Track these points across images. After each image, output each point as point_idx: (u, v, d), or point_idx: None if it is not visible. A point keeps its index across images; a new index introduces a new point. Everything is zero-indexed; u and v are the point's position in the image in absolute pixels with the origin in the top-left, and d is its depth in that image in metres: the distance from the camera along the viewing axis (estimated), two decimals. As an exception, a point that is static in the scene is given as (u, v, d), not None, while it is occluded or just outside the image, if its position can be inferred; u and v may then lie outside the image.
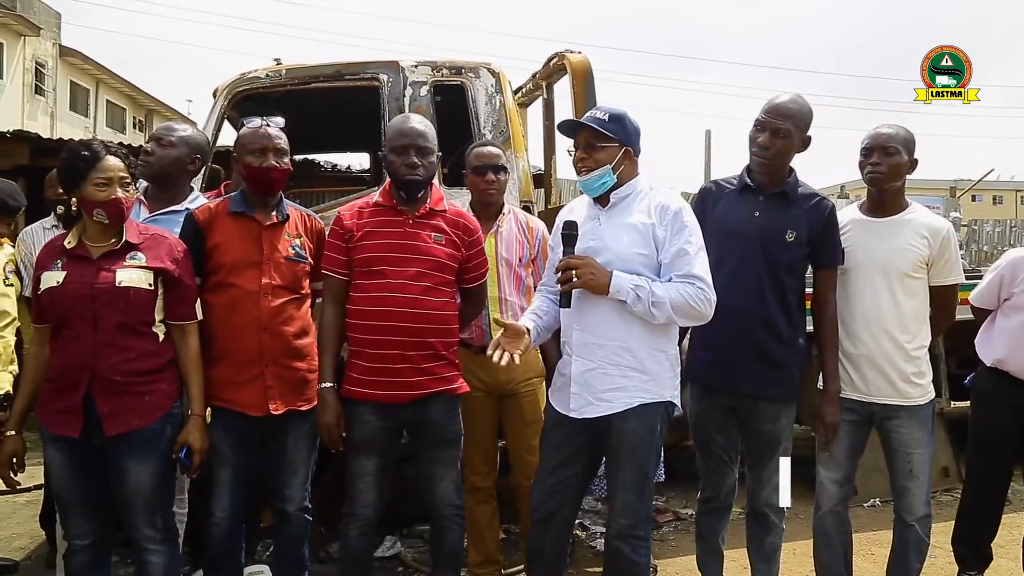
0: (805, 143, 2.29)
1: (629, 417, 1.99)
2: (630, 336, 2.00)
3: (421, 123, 2.25)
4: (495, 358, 1.98)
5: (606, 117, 2.03)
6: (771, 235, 2.26)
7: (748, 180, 2.33)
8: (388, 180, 2.30)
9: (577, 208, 2.19)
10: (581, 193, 2.20)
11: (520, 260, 2.65)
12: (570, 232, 2.03)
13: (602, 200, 2.09)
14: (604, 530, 2.48)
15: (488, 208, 2.68)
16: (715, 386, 2.34)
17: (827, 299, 2.31)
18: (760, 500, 2.38)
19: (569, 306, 2.02)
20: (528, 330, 2.06)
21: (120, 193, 1.97)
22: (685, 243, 1.99)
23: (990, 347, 2.75)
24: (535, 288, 2.51)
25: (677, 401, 2.09)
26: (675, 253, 1.99)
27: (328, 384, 2.17)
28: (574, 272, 1.97)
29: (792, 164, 2.32)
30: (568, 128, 2.14)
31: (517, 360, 1.99)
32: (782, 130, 2.23)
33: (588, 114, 2.09)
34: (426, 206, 2.24)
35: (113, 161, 1.99)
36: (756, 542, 2.44)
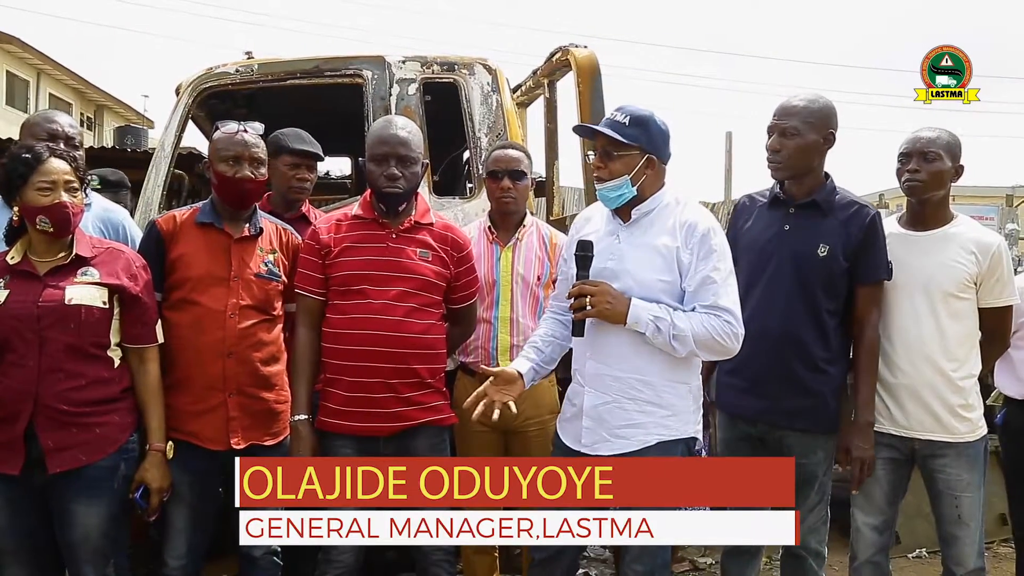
0: (827, 140, 2.33)
1: (646, 456, 2.03)
2: (649, 368, 2.04)
3: (404, 129, 2.28)
4: (474, 415, 2.04)
5: (626, 121, 2.05)
6: (801, 251, 2.30)
7: (779, 191, 2.39)
8: (368, 190, 2.34)
9: (595, 217, 2.21)
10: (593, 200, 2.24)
11: (539, 279, 2.67)
12: (585, 254, 2.06)
13: (623, 214, 2.12)
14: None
15: (507, 218, 2.71)
16: (741, 413, 2.41)
17: (866, 320, 2.33)
18: None
19: (582, 335, 2.06)
20: (521, 375, 2.10)
21: (65, 197, 2.01)
22: (712, 270, 2.02)
23: (1015, 379, 2.80)
24: None
25: (699, 435, 2.14)
26: (701, 281, 2.02)
27: (303, 416, 2.20)
28: (588, 299, 2.00)
29: (828, 170, 2.37)
30: (585, 132, 2.18)
31: (505, 408, 2.03)
32: (788, 129, 2.28)
33: (608, 116, 2.11)
34: (411, 219, 2.28)
35: (57, 163, 2.03)
36: None
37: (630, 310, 1.99)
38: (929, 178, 2.33)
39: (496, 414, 2.05)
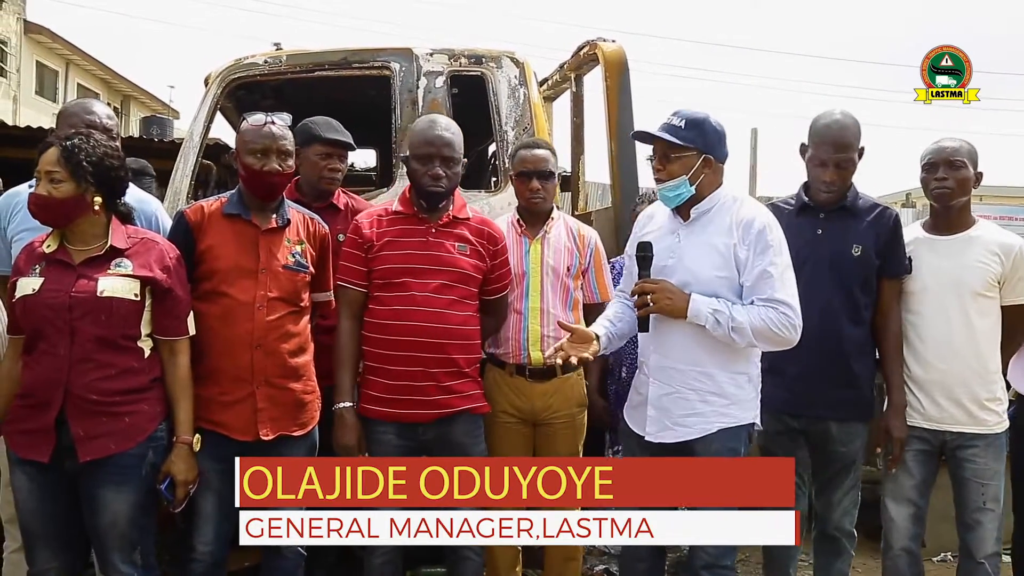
0: (861, 155, 2.51)
1: (709, 443, 2.14)
2: (710, 361, 2.15)
3: (448, 129, 2.35)
4: (546, 354, 2.14)
5: (682, 124, 2.15)
6: (837, 252, 2.47)
7: (806, 199, 2.54)
8: (407, 185, 2.40)
9: (658, 214, 2.33)
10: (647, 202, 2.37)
11: (568, 270, 2.71)
12: (645, 254, 2.17)
13: (683, 212, 2.23)
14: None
15: (535, 215, 2.75)
16: (787, 410, 2.50)
17: (892, 310, 2.50)
18: (831, 523, 2.56)
19: (648, 330, 2.17)
20: (598, 336, 2.19)
21: (43, 189, 1.98)
22: (769, 264, 2.11)
23: None
24: (583, 302, 2.71)
25: (758, 420, 2.24)
26: (758, 275, 2.12)
27: (348, 403, 2.29)
28: (650, 297, 2.11)
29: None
30: (643, 138, 2.27)
31: (574, 361, 2.12)
32: (845, 160, 2.45)
33: (664, 121, 2.21)
34: (449, 214, 2.38)
35: (48, 154, 2.00)
36: (824, 570, 2.62)
37: (690, 304, 2.09)
38: (957, 185, 2.48)
39: (562, 356, 2.12)
